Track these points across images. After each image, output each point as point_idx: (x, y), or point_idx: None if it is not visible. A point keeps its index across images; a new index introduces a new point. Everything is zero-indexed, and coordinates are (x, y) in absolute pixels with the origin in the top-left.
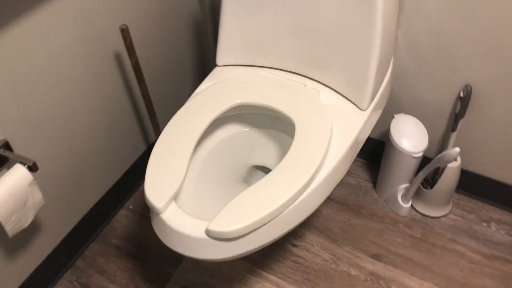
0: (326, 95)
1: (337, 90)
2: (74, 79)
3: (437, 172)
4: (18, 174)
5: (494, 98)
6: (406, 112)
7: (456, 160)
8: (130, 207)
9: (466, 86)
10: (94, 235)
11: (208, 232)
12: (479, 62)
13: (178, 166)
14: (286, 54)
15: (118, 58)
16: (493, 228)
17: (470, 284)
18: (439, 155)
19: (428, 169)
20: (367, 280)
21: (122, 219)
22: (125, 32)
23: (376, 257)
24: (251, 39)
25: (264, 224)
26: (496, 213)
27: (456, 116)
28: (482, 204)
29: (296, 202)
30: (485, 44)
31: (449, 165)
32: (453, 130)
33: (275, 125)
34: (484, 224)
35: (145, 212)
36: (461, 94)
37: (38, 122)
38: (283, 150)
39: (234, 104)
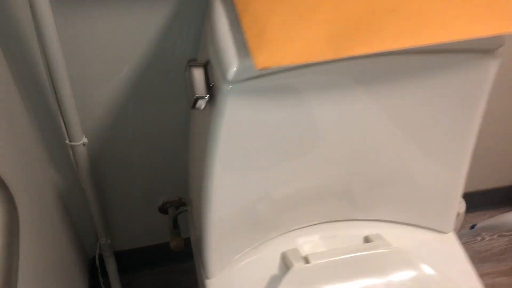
0: (391, 232)
1: (401, 221)
2: None
3: None
4: None
5: None
6: None
7: None
8: None
9: None
10: None
11: None
12: None
13: None
14: (310, 215)
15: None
16: (487, 237)
17: None
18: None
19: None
20: None
21: None
22: None
23: None
24: (256, 218)
25: None
26: (476, 220)
27: None
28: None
29: None
30: None
31: None
32: None
33: None
34: (478, 238)
35: None
36: None
37: None
38: None
39: None
